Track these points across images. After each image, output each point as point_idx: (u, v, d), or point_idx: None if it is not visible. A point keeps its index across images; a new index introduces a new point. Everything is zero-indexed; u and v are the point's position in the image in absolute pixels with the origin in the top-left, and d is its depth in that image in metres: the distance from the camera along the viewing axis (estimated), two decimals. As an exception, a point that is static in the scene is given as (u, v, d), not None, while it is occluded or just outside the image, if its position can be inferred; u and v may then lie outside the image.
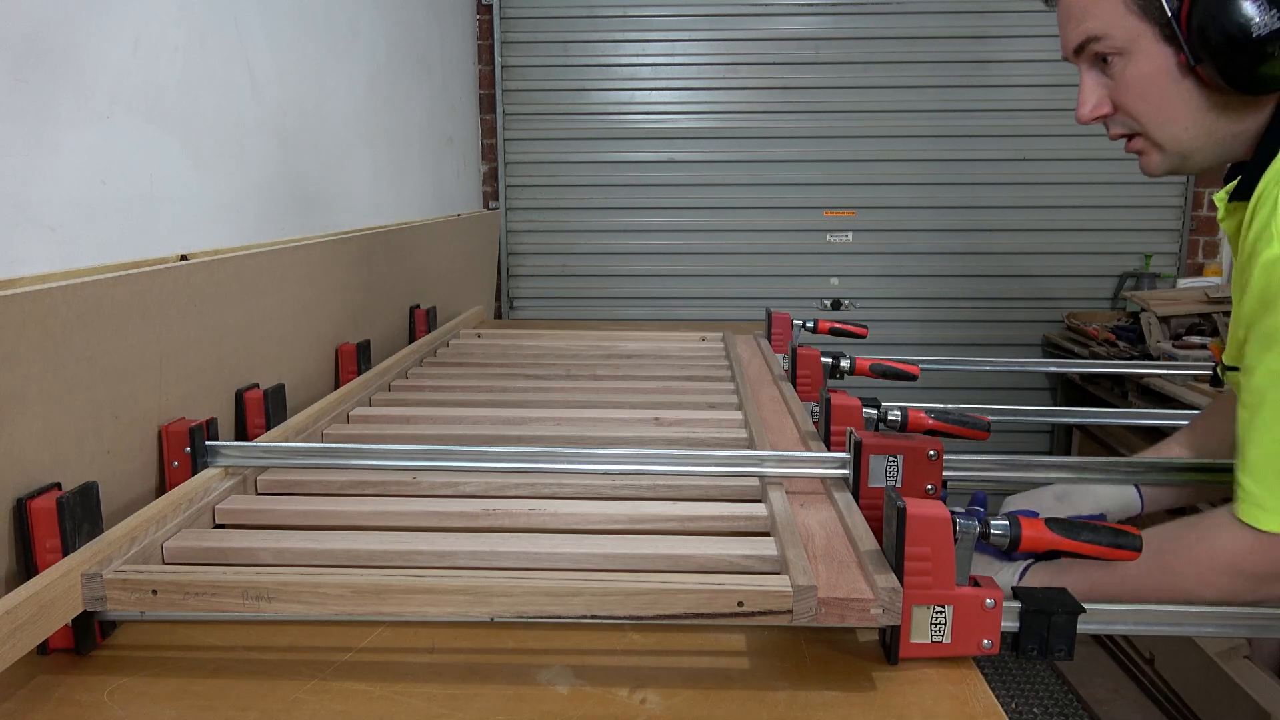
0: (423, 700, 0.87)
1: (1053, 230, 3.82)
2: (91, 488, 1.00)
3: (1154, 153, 1.00)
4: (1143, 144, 1.00)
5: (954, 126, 3.77)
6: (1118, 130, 1.02)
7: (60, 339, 1.02)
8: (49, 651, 0.94)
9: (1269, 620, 0.98)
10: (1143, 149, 1.01)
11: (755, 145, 3.82)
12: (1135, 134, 1.00)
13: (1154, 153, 1.00)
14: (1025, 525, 0.89)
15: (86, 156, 1.24)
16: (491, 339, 2.39)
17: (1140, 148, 1.01)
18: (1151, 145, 0.99)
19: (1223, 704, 2.22)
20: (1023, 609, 0.90)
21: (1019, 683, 2.79)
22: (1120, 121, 1.01)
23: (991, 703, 0.86)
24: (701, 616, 0.88)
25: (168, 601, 0.90)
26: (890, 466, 1.13)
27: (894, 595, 0.86)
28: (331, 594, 0.89)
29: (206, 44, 1.55)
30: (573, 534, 1.10)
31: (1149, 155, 1.01)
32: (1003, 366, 2.42)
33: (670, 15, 3.75)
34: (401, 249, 2.34)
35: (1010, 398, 3.84)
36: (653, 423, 1.56)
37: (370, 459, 1.23)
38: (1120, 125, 1.01)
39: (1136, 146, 1.01)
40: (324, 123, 2.08)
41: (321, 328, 1.82)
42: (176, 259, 1.38)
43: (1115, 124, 1.01)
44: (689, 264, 3.90)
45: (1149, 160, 1.01)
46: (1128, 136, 1.02)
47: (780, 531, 1.03)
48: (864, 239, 3.86)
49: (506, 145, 3.86)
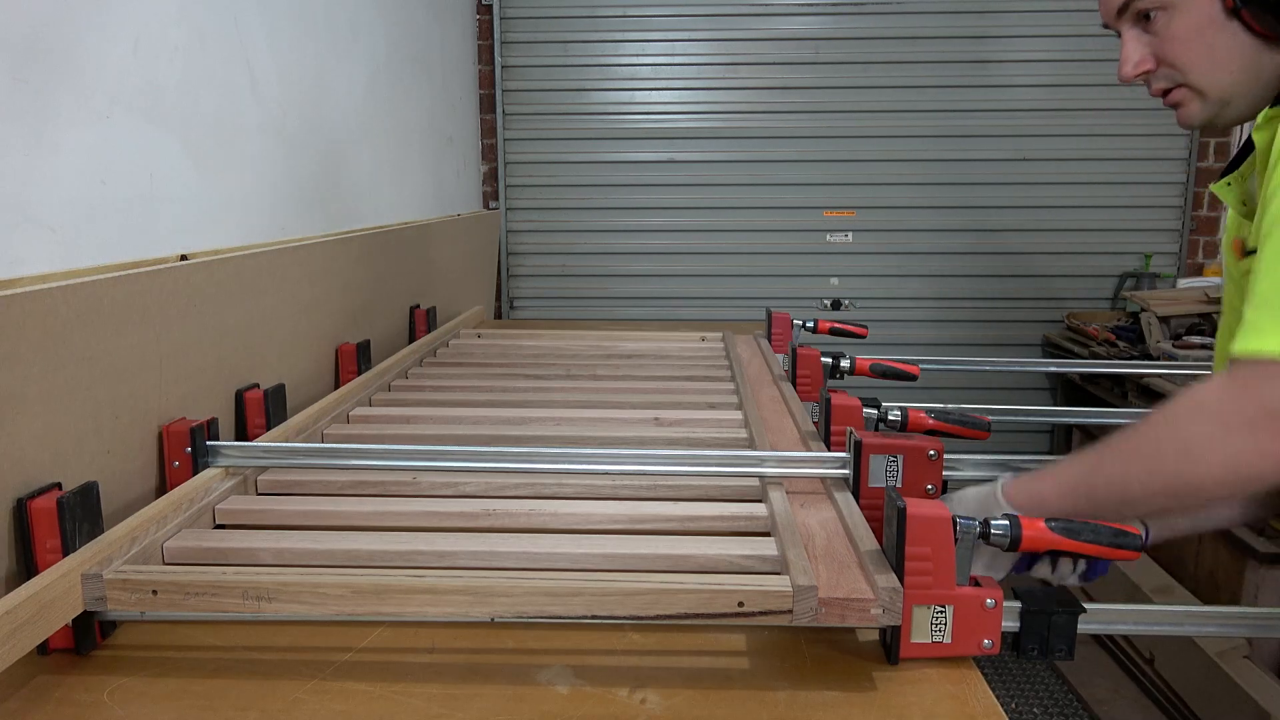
0: (423, 700, 0.87)
1: (1053, 230, 3.82)
2: (92, 488, 1.00)
3: (1195, 102, 1.02)
4: (1184, 94, 1.03)
5: (954, 126, 3.77)
6: (1160, 84, 1.04)
7: (60, 339, 1.02)
8: (49, 651, 0.94)
9: (1269, 621, 0.98)
10: (1183, 99, 1.03)
11: (755, 145, 3.82)
12: (1176, 86, 1.03)
13: (1195, 102, 1.02)
14: (1025, 525, 0.89)
15: (86, 156, 1.24)
16: (492, 339, 2.39)
17: (1181, 98, 1.03)
18: (1194, 94, 1.02)
19: (1223, 704, 2.22)
20: (1023, 609, 0.90)
21: (1019, 682, 2.79)
22: (1163, 75, 1.03)
23: (991, 703, 0.86)
24: (702, 616, 0.88)
25: (168, 602, 0.90)
26: (890, 466, 1.13)
27: (894, 595, 0.86)
28: (331, 594, 0.89)
29: (206, 44, 1.55)
30: (573, 534, 1.10)
31: (1189, 105, 1.03)
32: (1003, 367, 2.42)
33: (670, 15, 3.75)
34: (401, 249, 2.34)
35: (1010, 398, 3.84)
36: (653, 423, 1.56)
37: (370, 459, 1.23)
38: (1163, 79, 1.04)
39: (1177, 98, 1.04)
40: (324, 123, 2.08)
41: (322, 328, 1.82)
42: (176, 259, 1.38)
43: (1158, 79, 1.04)
44: (689, 264, 3.90)
45: (1189, 110, 1.04)
46: (1166, 91, 1.05)
47: (780, 531, 1.03)
48: (864, 239, 3.86)
49: (506, 145, 3.86)
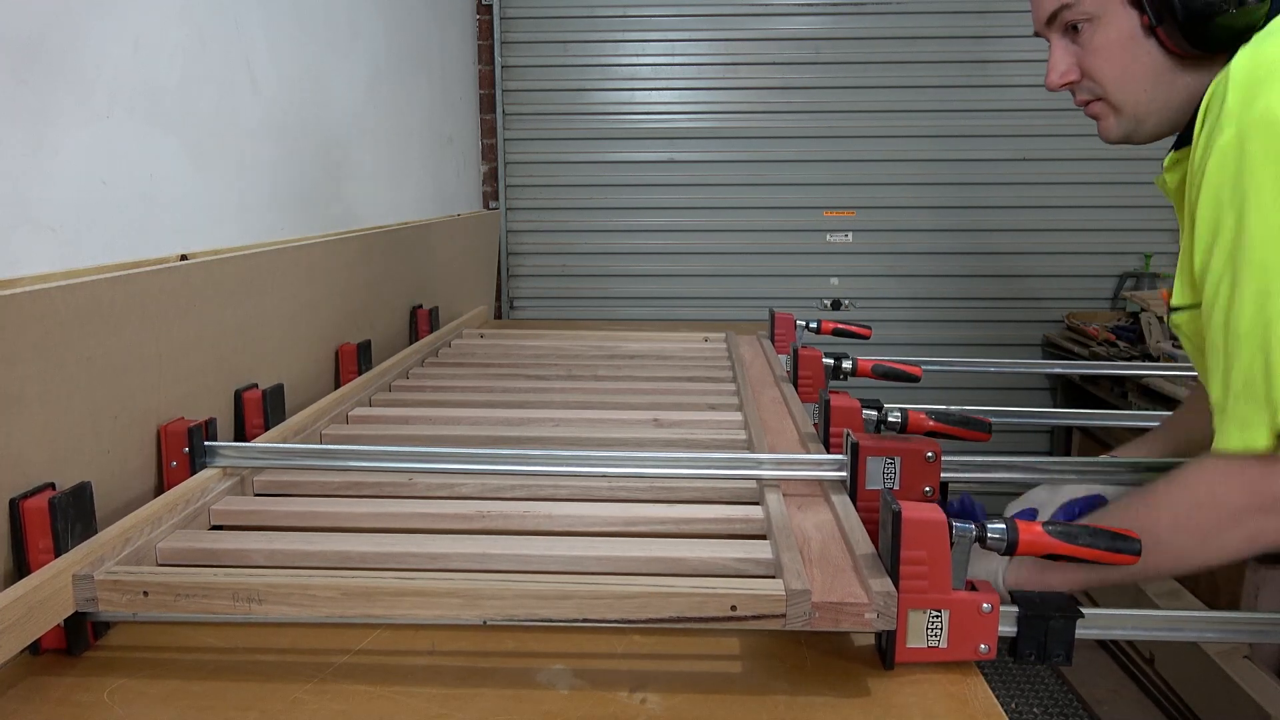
0: (422, 701, 0.87)
1: (1053, 230, 3.81)
2: (85, 488, 1.00)
3: (1111, 116, 1.06)
4: (1102, 108, 1.06)
5: (954, 126, 3.76)
6: (1083, 96, 1.08)
7: (60, 339, 1.02)
8: (41, 652, 0.94)
9: (1268, 626, 0.97)
10: (1101, 113, 1.07)
11: (755, 145, 3.81)
12: (1097, 98, 1.06)
13: (1111, 116, 1.06)
14: (1022, 529, 0.88)
15: (87, 156, 1.24)
16: (494, 339, 2.39)
17: (1099, 112, 1.07)
18: (1110, 109, 1.06)
19: (1223, 704, 2.22)
20: (1020, 614, 0.89)
21: (1019, 683, 2.79)
22: (1086, 88, 1.07)
23: (991, 703, 0.86)
24: (694, 620, 0.88)
25: (159, 603, 0.90)
26: (888, 469, 1.13)
27: (889, 600, 0.86)
28: (321, 596, 0.89)
29: (206, 44, 1.55)
30: (566, 536, 1.10)
31: (1107, 119, 1.07)
32: (1005, 368, 2.41)
33: (670, 15, 3.75)
34: (401, 249, 2.34)
35: (1010, 398, 3.83)
36: (652, 424, 1.56)
37: (367, 460, 1.23)
38: (1085, 91, 1.07)
39: (1095, 111, 1.08)
40: (324, 123, 2.08)
41: (321, 328, 1.82)
42: (176, 259, 1.38)
43: (1081, 90, 1.08)
44: (689, 264, 3.89)
45: (1106, 124, 1.07)
46: (1088, 103, 1.08)
47: (776, 534, 1.02)
48: (864, 239, 3.86)
49: (506, 145, 3.86)
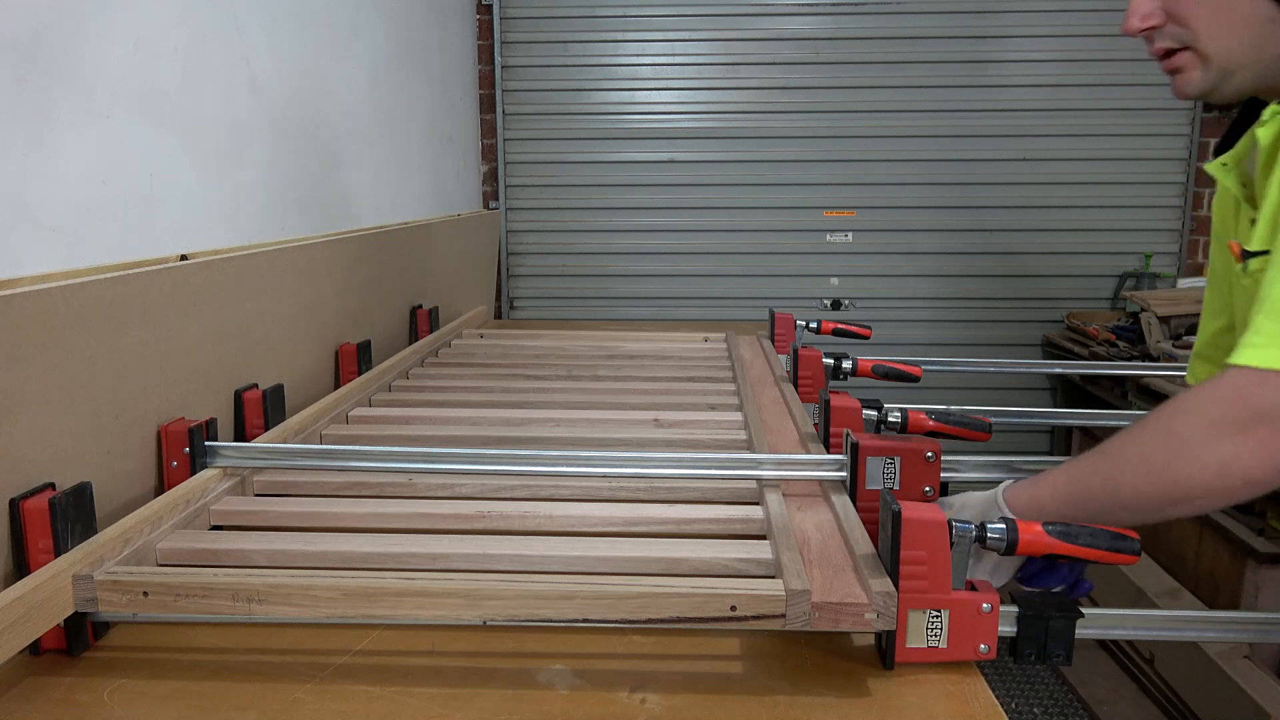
0: (422, 701, 0.87)
1: (1053, 230, 3.81)
2: (85, 488, 1.00)
3: (1196, 69, 0.98)
4: (1187, 59, 0.98)
5: (954, 126, 3.76)
6: (1162, 44, 1.00)
7: (60, 339, 1.02)
8: (41, 652, 0.94)
9: (1268, 626, 0.97)
10: (1184, 65, 0.99)
11: (755, 145, 3.81)
12: (1180, 49, 0.99)
13: (1196, 69, 0.98)
14: (1022, 529, 0.89)
15: (87, 156, 1.24)
16: (494, 339, 2.39)
17: (1182, 64, 0.99)
18: (1197, 60, 0.97)
19: (1223, 704, 2.22)
20: (1020, 614, 0.89)
21: (1019, 682, 2.79)
22: (1169, 34, 0.98)
23: (991, 702, 0.86)
24: (694, 620, 0.88)
25: (159, 603, 0.90)
26: (887, 469, 1.13)
27: (889, 600, 0.86)
28: (322, 596, 0.89)
29: (206, 44, 1.55)
30: (567, 536, 1.10)
31: (1189, 73, 0.99)
32: (1005, 368, 2.41)
33: (670, 15, 3.75)
34: (401, 249, 2.34)
35: (1010, 398, 3.84)
36: (652, 424, 1.56)
37: (367, 460, 1.23)
38: (1168, 38, 0.99)
39: (1178, 63, 0.99)
40: (324, 122, 2.08)
41: (321, 328, 1.82)
42: (176, 259, 1.38)
43: (1162, 37, 0.99)
44: (689, 264, 3.89)
45: (1188, 78, 0.99)
46: (1168, 54, 1.00)
47: (776, 534, 1.02)
48: (864, 239, 3.86)
49: (506, 145, 3.86)
